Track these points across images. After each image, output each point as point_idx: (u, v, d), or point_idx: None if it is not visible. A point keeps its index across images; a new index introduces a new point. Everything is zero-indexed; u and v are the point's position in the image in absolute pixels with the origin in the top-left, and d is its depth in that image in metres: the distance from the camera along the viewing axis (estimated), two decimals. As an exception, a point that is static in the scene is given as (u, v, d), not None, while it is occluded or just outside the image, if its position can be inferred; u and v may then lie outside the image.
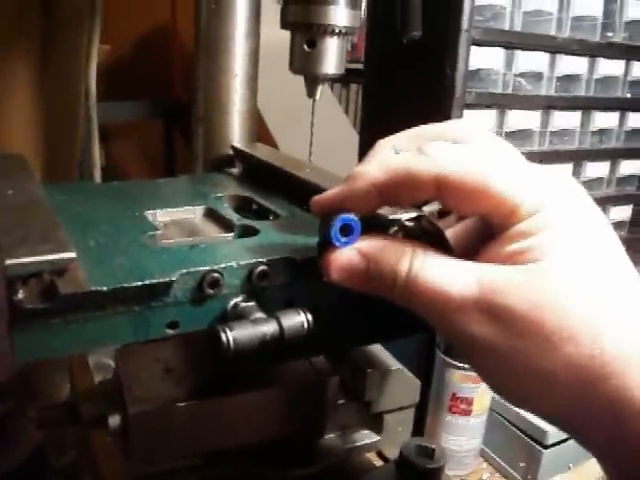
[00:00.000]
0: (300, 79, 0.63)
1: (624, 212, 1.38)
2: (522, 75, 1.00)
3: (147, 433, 0.47)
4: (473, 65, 0.91)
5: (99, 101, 0.83)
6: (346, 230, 0.38)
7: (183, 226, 0.51)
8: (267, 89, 0.74)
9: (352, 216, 0.38)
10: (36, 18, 0.82)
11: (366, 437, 0.59)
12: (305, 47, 0.56)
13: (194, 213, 0.53)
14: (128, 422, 0.47)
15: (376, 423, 0.59)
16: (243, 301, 0.40)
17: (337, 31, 0.55)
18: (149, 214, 0.50)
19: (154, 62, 1.92)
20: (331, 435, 0.57)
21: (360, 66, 1.42)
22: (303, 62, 0.57)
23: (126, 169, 1.94)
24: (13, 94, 0.81)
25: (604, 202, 1.33)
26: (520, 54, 0.97)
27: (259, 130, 0.72)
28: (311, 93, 0.59)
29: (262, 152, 0.65)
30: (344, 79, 2.70)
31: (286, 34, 0.61)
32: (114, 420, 0.50)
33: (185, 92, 1.84)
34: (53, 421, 0.54)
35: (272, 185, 0.58)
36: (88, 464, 0.60)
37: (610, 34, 1.08)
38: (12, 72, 0.81)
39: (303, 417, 0.53)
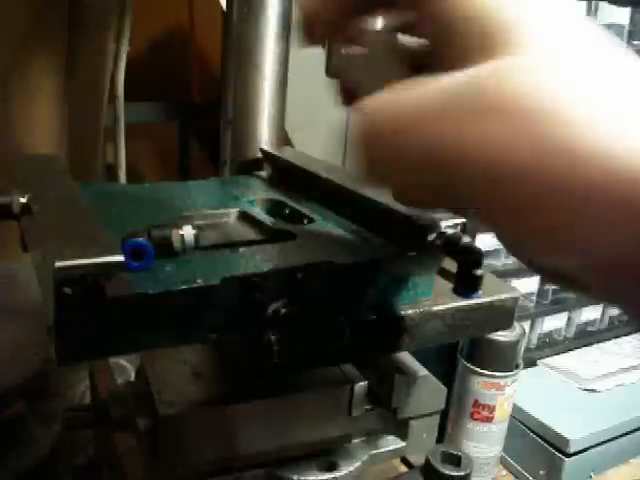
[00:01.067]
0: (320, 85, 0.63)
1: None
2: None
3: (176, 436, 0.47)
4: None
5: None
6: (139, 254, 0.37)
7: (219, 229, 0.51)
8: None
9: (142, 240, 0.37)
10: (62, 19, 0.82)
11: (391, 443, 0.59)
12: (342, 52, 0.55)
13: (228, 216, 0.53)
14: (157, 425, 0.47)
15: (401, 429, 0.59)
16: (284, 306, 0.40)
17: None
18: (186, 216, 0.50)
19: (170, 65, 1.92)
20: (356, 440, 0.57)
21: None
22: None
23: (139, 171, 1.94)
24: (38, 94, 0.81)
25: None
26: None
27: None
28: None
29: (292, 155, 0.65)
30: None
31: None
32: (142, 422, 0.50)
33: (201, 95, 1.83)
34: (81, 422, 0.54)
35: (303, 189, 0.58)
36: (110, 466, 0.60)
37: (637, 42, 1.08)
38: (38, 73, 0.81)
39: (330, 422, 0.53)
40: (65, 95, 0.81)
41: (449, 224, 0.43)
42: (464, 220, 0.43)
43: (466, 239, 0.42)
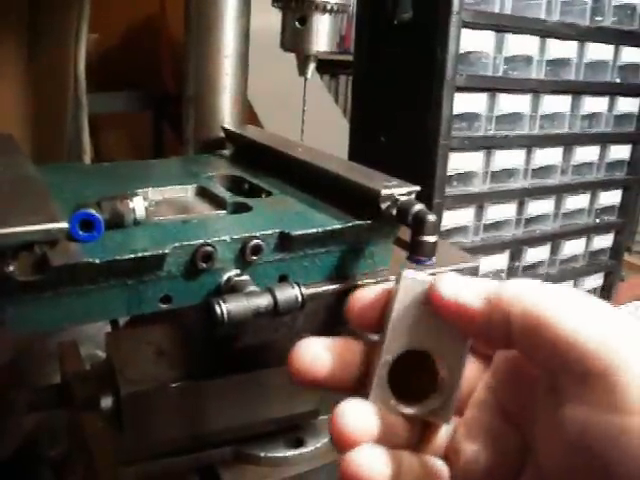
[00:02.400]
0: (289, 66, 0.62)
1: (614, 197, 1.38)
2: (512, 59, 1.00)
3: (139, 414, 0.47)
4: (463, 48, 0.91)
5: (88, 92, 0.83)
6: (88, 224, 0.37)
7: (175, 204, 0.51)
8: (256, 76, 0.73)
9: (91, 211, 0.37)
10: (22, 9, 0.82)
11: (359, 419, 0.59)
12: (296, 24, 0.55)
13: (186, 192, 0.53)
14: (120, 403, 0.46)
15: (369, 405, 0.59)
16: (237, 275, 0.40)
17: (329, 8, 0.54)
18: (141, 192, 0.49)
19: (143, 53, 1.91)
20: (323, 417, 0.57)
21: (349, 57, 1.42)
22: (294, 39, 0.56)
23: (115, 160, 1.93)
24: (0, 77, 0.80)
25: (594, 187, 1.33)
26: (510, 37, 0.97)
27: (248, 117, 0.71)
28: (302, 71, 0.59)
29: (253, 133, 0.65)
30: (333, 71, 2.70)
31: (274, 21, 0.60)
32: (106, 402, 0.50)
33: (174, 83, 1.83)
34: (44, 403, 0.54)
35: (263, 165, 0.58)
36: (80, 451, 0.59)
37: (599, 18, 1.08)
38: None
39: (297, 397, 0.53)
40: (27, 79, 0.80)
41: (402, 192, 0.43)
42: (417, 188, 0.43)
43: (419, 206, 0.42)
